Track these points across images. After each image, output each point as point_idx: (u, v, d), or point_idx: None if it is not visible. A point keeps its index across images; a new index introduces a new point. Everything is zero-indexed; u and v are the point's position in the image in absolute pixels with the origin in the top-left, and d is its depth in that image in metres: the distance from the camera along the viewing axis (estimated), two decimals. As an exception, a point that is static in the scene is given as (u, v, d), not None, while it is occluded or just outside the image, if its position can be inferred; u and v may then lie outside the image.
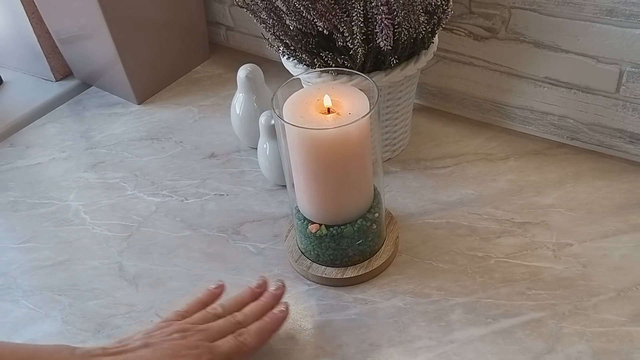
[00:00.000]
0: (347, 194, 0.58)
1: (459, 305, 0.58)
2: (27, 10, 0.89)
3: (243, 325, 0.53)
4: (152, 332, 0.52)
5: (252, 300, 0.56)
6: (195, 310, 0.55)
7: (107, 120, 0.88)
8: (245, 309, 0.55)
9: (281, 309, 0.55)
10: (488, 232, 0.65)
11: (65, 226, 0.72)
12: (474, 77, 0.76)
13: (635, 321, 0.55)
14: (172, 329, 0.52)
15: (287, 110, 0.55)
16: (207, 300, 0.57)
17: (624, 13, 0.62)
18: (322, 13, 0.59)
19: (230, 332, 0.52)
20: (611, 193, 0.68)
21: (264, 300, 0.56)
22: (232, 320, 0.54)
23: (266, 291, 0.57)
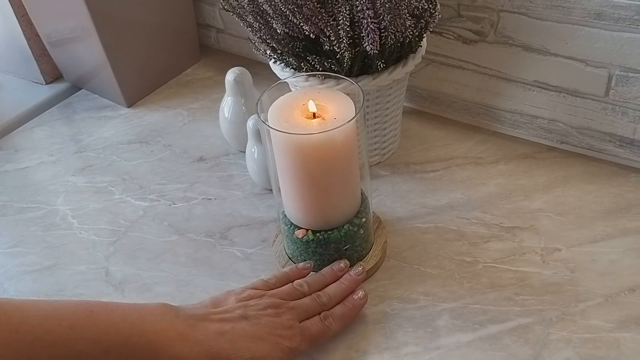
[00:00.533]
0: (334, 199, 0.57)
1: (446, 310, 0.58)
2: (16, 12, 0.88)
3: (327, 307, 0.55)
4: (245, 299, 0.53)
5: (333, 281, 0.58)
6: (282, 283, 0.57)
7: (96, 124, 0.87)
8: (328, 290, 0.57)
9: (360, 295, 0.57)
10: (476, 236, 0.65)
11: (52, 231, 0.71)
12: (464, 80, 0.76)
13: (623, 327, 0.55)
14: (265, 302, 0.53)
15: (272, 115, 0.55)
16: (293, 276, 0.58)
17: (612, 17, 0.62)
18: (308, 17, 0.59)
19: (316, 313, 0.55)
20: (600, 197, 0.67)
21: (345, 283, 0.58)
22: (317, 301, 0.55)
23: (347, 274, 0.58)
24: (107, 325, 0.47)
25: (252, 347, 0.50)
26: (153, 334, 0.48)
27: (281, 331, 0.52)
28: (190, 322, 0.49)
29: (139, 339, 0.47)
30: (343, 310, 0.56)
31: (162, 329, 0.48)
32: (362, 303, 0.57)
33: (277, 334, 0.51)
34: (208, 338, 0.49)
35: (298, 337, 0.52)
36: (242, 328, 0.51)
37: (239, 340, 0.50)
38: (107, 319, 0.47)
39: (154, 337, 0.48)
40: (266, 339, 0.51)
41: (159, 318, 0.49)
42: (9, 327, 0.44)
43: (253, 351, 0.50)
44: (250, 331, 0.50)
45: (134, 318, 0.48)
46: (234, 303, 0.53)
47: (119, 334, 0.47)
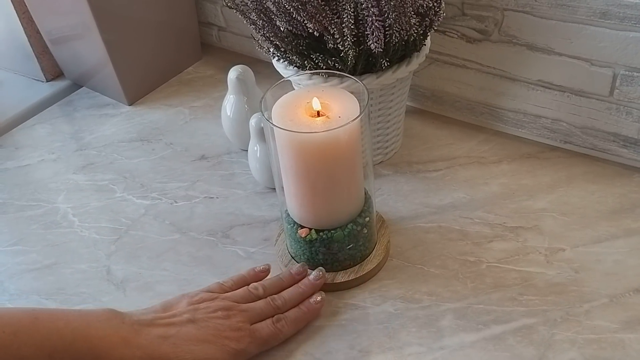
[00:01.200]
0: (338, 198, 0.57)
1: (450, 310, 0.58)
2: (17, 10, 0.88)
3: (281, 310, 0.56)
4: (197, 302, 0.54)
5: (290, 285, 0.58)
6: (238, 286, 0.57)
7: (97, 122, 0.87)
8: (284, 294, 0.57)
9: (317, 300, 0.57)
10: (480, 236, 0.64)
11: (53, 229, 0.71)
12: (467, 79, 0.75)
13: (628, 328, 0.55)
14: (216, 304, 0.54)
15: (276, 113, 0.54)
16: (250, 279, 0.59)
17: (618, 16, 0.61)
18: (312, 14, 0.59)
19: (269, 316, 0.55)
20: (604, 197, 0.67)
21: (302, 287, 0.58)
22: (271, 305, 0.56)
23: (305, 278, 0.59)
24: (51, 331, 0.48)
25: (195, 350, 0.50)
26: (97, 339, 0.49)
27: (229, 333, 0.52)
28: (135, 328, 0.50)
29: (83, 344, 0.48)
30: (297, 315, 0.56)
31: (106, 334, 0.49)
32: (318, 307, 0.57)
33: (224, 336, 0.52)
34: (151, 342, 0.50)
35: (247, 339, 0.53)
36: (188, 331, 0.51)
37: (182, 344, 0.50)
38: (51, 325, 0.48)
39: (98, 342, 0.48)
40: (212, 341, 0.51)
41: (103, 324, 0.50)
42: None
43: (196, 354, 0.50)
44: (196, 334, 0.51)
45: (78, 324, 0.49)
46: (185, 307, 0.53)
47: (62, 339, 0.48)
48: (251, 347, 0.53)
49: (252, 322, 0.54)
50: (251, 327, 0.54)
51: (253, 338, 0.53)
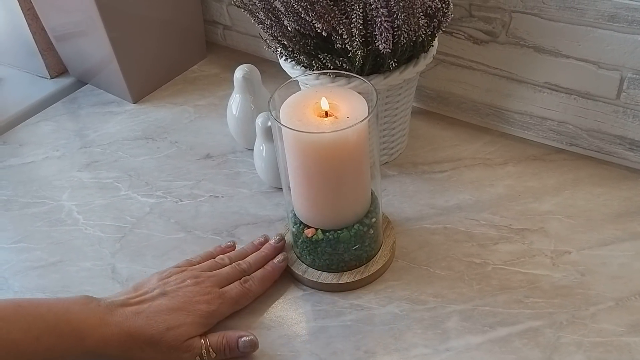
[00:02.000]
0: (344, 198, 0.57)
1: (456, 312, 0.58)
2: (22, 6, 0.88)
3: (247, 273, 0.60)
4: (166, 277, 0.57)
5: (254, 252, 0.62)
6: (204, 260, 0.61)
7: (102, 119, 0.87)
8: (248, 258, 0.61)
9: (280, 259, 0.61)
10: (485, 238, 0.64)
11: (58, 226, 0.71)
12: (473, 81, 0.75)
13: (634, 331, 0.55)
14: (185, 275, 0.57)
15: (284, 113, 0.54)
16: (217, 254, 0.62)
17: (626, 19, 0.61)
18: (320, 14, 0.58)
19: (236, 279, 0.59)
20: (610, 200, 0.67)
21: (265, 251, 0.62)
22: (237, 268, 0.59)
23: (267, 243, 0.63)
24: (35, 317, 0.50)
25: (169, 319, 0.54)
26: (77, 321, 0.52)
27: (199, 297, 0.56)
28: (110, 308, 0.53)
29: (65, 326, 0.51)
30: (263, 274, 0.60)
31: (86, 317, 0.52)
32: (282, 266, 0.61)
33: (195, 301, 0.55)
34: (126, 319, 0.53)
35: (217, 301, 0.56)
36: (159, 303, 0.54)
37: (155, 316, 0.53)
38: (35, 311, 0.51)
39: (79, 324, 0.52)
40: (183, 308, 0.54)
41: (82, 307, 0.53)
42: None
43: (169, 322, 0.53)
44: (167, 304, 0.54)
45: (59, 309, 0.52)
46: (155, 283, 0.57)
47: (46, 323, 0.50)
48: (223, 308, 0.56)
49: (221, 286, 0.58)
50: (220, 290, 0.57)
51: (223, 299, 0.57)
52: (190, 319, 0.54)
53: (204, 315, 0.55)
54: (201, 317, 0.55)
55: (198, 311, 0.55)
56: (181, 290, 0.56)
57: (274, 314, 0.59)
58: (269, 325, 0.58)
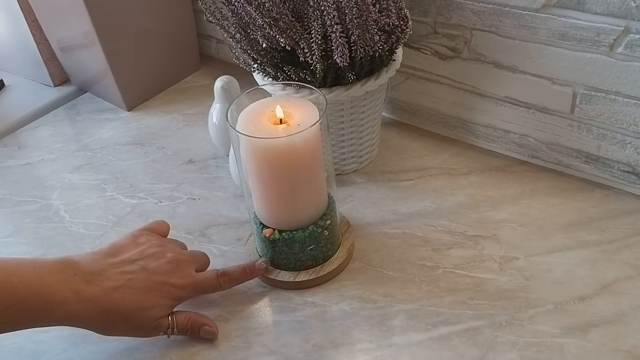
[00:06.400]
0: (298, 200, 0.61)
1: (403, 311, 0.61)
2: (27, 18, 0.94)
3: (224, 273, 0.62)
4: (142, 245, 0.59)
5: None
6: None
7: (97, 125, 0.92)
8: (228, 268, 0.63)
9: (260, 262, 0.63)
10: (440, 243, 0.68)
11: (44, 223, 0.76)
12: (441, 94, 0.79)
13: (568, 333, 0.57)
14: (166, 250, 0.60)
15: (241, 120, 0.58)
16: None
17: (575, 37, 0.64)
18: (283, 30, 0.63)
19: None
20: (564, 210, 0.70)
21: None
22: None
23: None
24: (5, 287, 0.51)
25: (143, 298, 0.56)
26: (49, 294, 0.52)
27: (175, 280, 0.58)
28: (87, 279, 0.54)
29: (37, 298, 0.52)
30: (239, 275, 0.63)
31: (59, 288, 0.53)
32: (260, 272, 0.63)
33: (170, 283, 0.58)
34: (101, 294, 0.54)
35: (190, 287, 0.59)
36: (138, 279, 0.56)
37: (129, 294, 0.55)
38: (5, 280, 0.51)
39: (50, 297, 0.52)
40: (158, 289, 0.57)
41: (55, 277, 0.53)
42: None
43: (143, 302, 0.56)
44: (144, 284, 0.56)
45: (32, 279, 0.52)
46: (134, 252, 0.58)
47: (16, 295, 0.51)
48: (192, 294, 0.60)
49: (197, 270, 0.61)
50: (196, 279, 0.60)
51: (195, 288, 0.60)
52: (163, 300, 0.57)
53: (175, 299, 0.58)
54: (173, 299, 0.58)
55: (171, 294, 0.58)
56: (160, 270, 0.57)
57: (232, 307, 0.63)
58: (227, 317, 0.62)
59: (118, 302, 0.55)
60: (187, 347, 0.60)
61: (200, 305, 0.63)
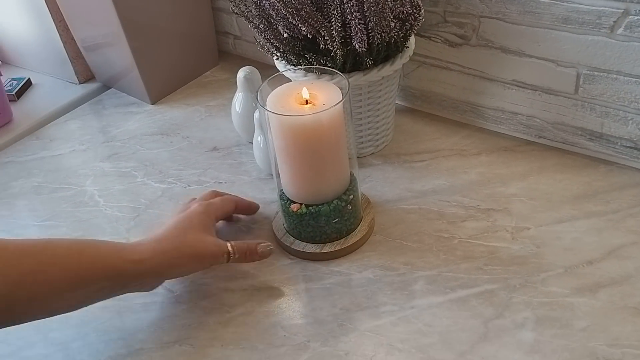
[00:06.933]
0: (323, 175, 0.66)
1: (422, 277, 0.65)
2: (54, 18, 0.99)
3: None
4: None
5: None
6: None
7: (123, 118, 0.97)
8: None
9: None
10: (455, 216, 0.72)
11: (81, 207, 0.81)
12: (451, 80, 0.83)
13: (578, 293, 0.62)
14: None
15: (270, 102, 0.63)
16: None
17: (578, 21, 0.69)
18: (305, 19, 0.68)
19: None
20: (570, 185, 0.74)
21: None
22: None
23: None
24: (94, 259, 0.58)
25: (201, 235, 0.65)
26: (130, 262, 0.59)
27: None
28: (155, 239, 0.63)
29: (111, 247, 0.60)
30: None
31: (139, 250, 0.60)
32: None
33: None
34: (170, 243, 0.63)
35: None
36: (192, 224, 0.65)
37: (191, 234, 0.64)
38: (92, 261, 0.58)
39: (131, 264, 0.59)
40: (207, 229, 0.66)
41: (129, 247, 0.61)
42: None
43: (203, 236, 0.65)
44: (197, 226, 0.65)
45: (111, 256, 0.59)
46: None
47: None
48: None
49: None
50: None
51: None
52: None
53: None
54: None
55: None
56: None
57: (263, 277, 0.68)
58: (259, 287, 0.67)
59: (187, 242, 0.62)
60: (224, 313, 0.64)
61: (232, 276, 0.68)
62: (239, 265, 0.68)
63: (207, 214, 0.66)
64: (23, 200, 0.83)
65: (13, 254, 0.53)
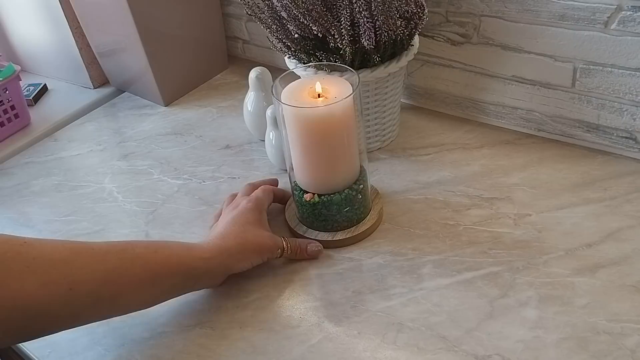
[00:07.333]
0: (335, 166, 0.69)
1: (430, 261, 0.69)
2: (70, 25, 1.03)
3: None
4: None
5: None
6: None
7: (137, 120, 1.01)
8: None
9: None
10: (459, 205, 0.75)
11: (100, 203, 0.84)
12: (454, 78, 0.87)
13: (579, 274, 0.65)
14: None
15: (285, 96, 0.67)
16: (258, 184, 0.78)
17: (573, 17, 0.73)
18: (316, 18, 0.71)
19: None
20: (569, 174, 0.78)
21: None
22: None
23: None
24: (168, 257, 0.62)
25: (258, 231, 0.69)
26: (200, 259, 0.64)
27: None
28: (219, 237, 0.68)
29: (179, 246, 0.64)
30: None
31: (206, 249, 0.65)
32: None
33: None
34: (233, 241, 0.67)
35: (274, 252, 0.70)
36: (247, 220, 0.70)
37: (251, 231, 0.69)
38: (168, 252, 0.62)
39: (192, 245, 0.65)
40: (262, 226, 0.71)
41: (197, 247, 0.65)
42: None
43: (260, 231, 0.69)
44: (252, 223, 0.70)
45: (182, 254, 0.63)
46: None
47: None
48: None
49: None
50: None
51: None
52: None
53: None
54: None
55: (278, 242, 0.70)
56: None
57: (278, 265, 0.71)
58: (274, 273, 0.70)
59: (248, 238, 0.67)
60: (241, 297, 0.68)
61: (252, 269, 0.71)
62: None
63: (259, 210, 0.71)
64: (44, 197, 0.87)
65: (98, 254, 0.57)
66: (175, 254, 0.62)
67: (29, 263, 0.53)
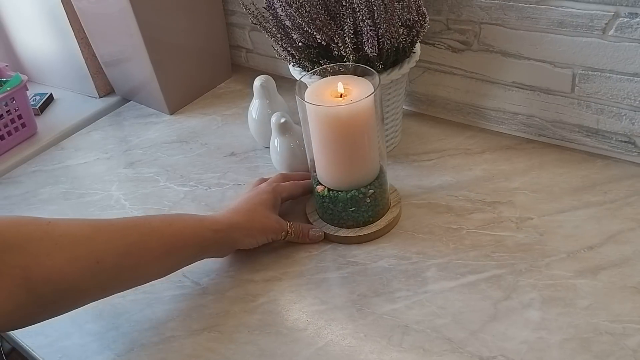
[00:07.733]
0: (344, 164, 0.70)
1: (434, 265, 0.70)
2: (76, 35, 1.04)
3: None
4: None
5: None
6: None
7: (143, 128, 1.02)
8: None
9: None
10: (462, 209, 0.77)
11: (108, 210, 0.85)
12: (455, 84, 0.89)
13: (581, 275, 0.66)
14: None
15: (308, 95, 0.68)
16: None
17: (572, 24, 0.74)
18: (319, 27, 0.73)
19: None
20: (570, 178, 0.79)
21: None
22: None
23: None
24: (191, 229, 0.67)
25: (267, 212, 0.73)
26: (210, 230, 0.69)
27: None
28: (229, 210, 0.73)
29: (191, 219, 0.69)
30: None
31: (216, 220, 0.70)
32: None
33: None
34: (244, 215, 0.72)
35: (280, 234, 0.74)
36: (260, 202, 0.74)
37: (260, 211, 0.73)
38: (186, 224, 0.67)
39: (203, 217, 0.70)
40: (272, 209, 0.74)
41: (210, 217, 0.70)
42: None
43: (268, 213, 0.73)
44: (262, 206, 0.74)
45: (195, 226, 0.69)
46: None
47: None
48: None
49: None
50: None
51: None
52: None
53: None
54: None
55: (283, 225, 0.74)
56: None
57: (283, 269, 0.72)
58: (280, 277, 0.71)
59: (256, 217, 0.71)
60: (248, 302, 0.69)
61: (254, 268, 0.72)
62: (260, 258, 0.73)
63: (274, 194, 0.74)
64: (52, 205, 0.88)
65: (118, 228, 0.62)
66: (188, 225, 0.67)
67: (57, 241, 0.56)
